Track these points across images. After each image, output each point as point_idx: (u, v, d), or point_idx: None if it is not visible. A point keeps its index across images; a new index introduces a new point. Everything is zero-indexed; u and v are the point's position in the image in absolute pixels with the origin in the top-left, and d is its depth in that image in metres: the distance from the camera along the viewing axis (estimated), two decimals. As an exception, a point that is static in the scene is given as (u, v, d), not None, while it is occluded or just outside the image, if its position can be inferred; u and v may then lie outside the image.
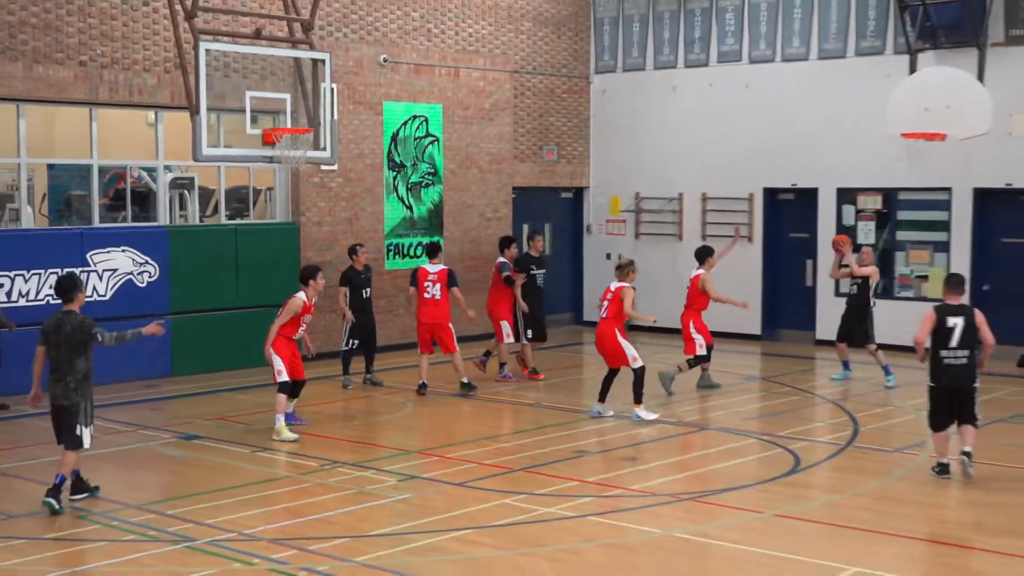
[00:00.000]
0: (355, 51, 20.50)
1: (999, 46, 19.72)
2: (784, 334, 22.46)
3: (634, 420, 14.62)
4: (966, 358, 12.15)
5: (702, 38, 23.23)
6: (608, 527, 10.52)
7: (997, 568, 9.38)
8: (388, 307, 21.13)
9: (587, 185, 24.95)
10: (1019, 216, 20.17)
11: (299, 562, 9.49)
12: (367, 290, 17.63)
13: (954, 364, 12.15)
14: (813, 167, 21.83)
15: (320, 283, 14.55)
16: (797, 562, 9.58)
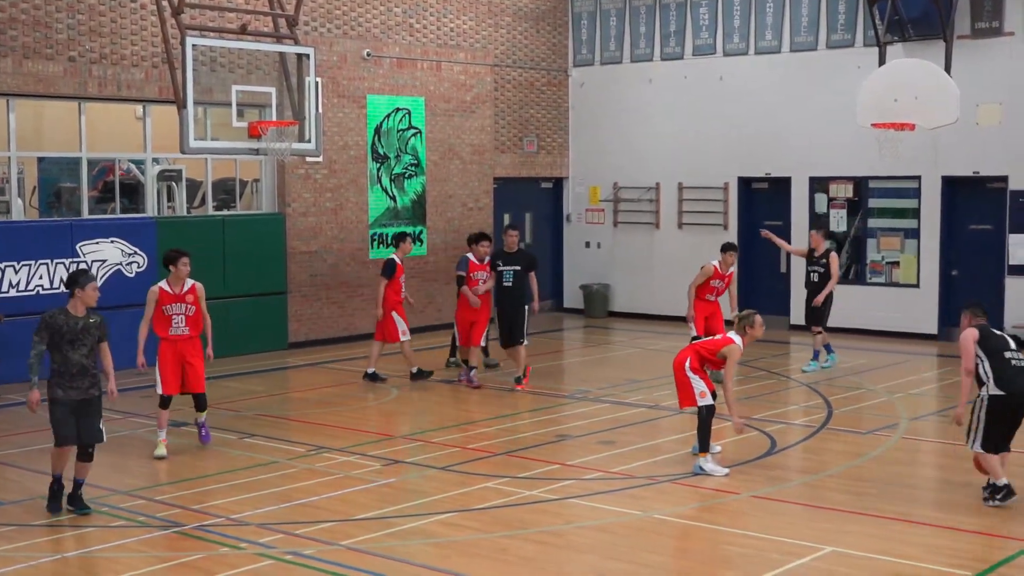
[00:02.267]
0: (339, 46, 20.33)
1: (965, 39, 19.67)
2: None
3: (695, 472, 11.50)
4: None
5: (677, 32, 23.14)
6: (589, 509, 10.43)
7: (968, 546, 9.33)
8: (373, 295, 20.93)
9: (566, 175, 24.85)
10: (986, 203, 20.14)
11: (286, 546, 9.37)
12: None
13: (1020, 366, 10.43)
14: (786, 157, 21.78)
15: (184, 269, 12.32)
16: (774, 542, 9.51)
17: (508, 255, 16.42)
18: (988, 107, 19.62)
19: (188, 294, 12.33)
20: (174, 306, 12.27)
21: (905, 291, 20.75)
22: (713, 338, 12.08)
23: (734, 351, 11.54)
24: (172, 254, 12.41)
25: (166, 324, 12.27)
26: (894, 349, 19.45)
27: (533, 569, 8.94)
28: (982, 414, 10.40)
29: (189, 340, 12.37)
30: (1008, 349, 10.49)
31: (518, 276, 16.23)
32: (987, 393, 10.39)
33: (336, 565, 8.91)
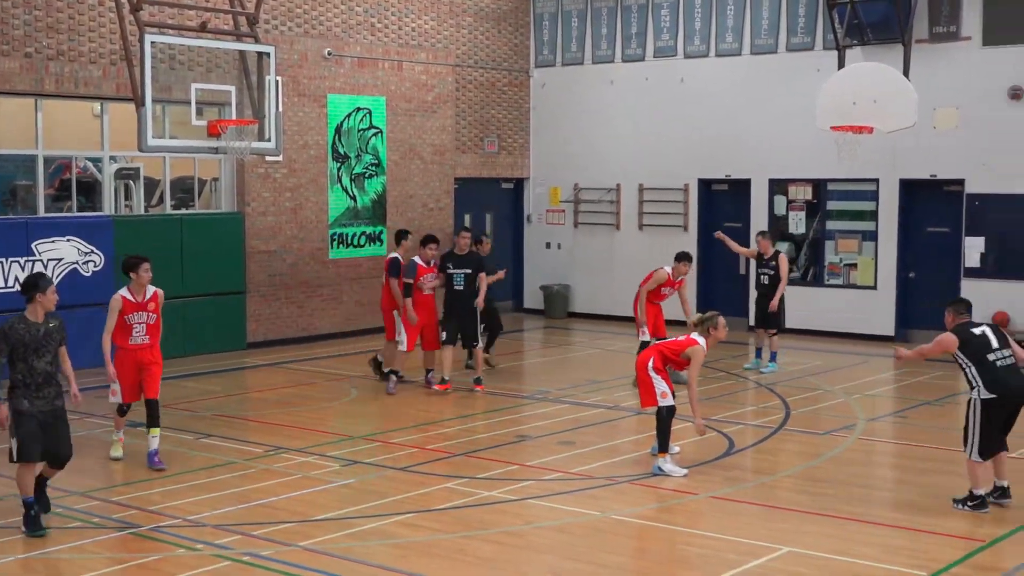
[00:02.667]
0: (299, 44, 20.25)
1: (923, 43, 19.83)
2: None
3: (654, 473, 11.52)
4: (1012, 358, 10.44)
5: (639, 34, 23.19)
6: (548, 510, 10.43)
7: (924, 546, 9.39)
8: (333, 295, 20.94)
9: (527, 176, 24.85)
10: (943, 206, 20.31)
11: (243, 547, 9.31)
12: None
13: (1007, 365, 10.34)
14: (746, 159, 21.88)
15: (145, 276, 11.75)
16: (731, 542, 9.54)
17: (459, 258, 16.03)
18: (945, 111, 19.79)
19: (150, 302, 11.81)
20: (136, 315, 11.73)
21: (862, 293, 20.89)
22: (676, 339, 11.99)
23: (698, 352, 11.55)
24: (132, 260, 11.83)
25: (127, 333, 11.74)
26: (851, 350, 19.58)
27: (491, 569, 8.93)
28: (976, 419, 10.27)
29: (148, 349, 11.88)
30: (990, 350, 10.34)
31: (469, 279, 15.90)
32: (979, 397, 10.26)
33: (294, 566, 8.86)
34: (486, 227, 24.37)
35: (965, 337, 10.44)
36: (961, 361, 10.43)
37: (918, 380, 17.05)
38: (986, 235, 19.71)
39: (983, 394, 10.24)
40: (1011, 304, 19.34)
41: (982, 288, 19.60)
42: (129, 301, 11.71)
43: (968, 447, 10.37)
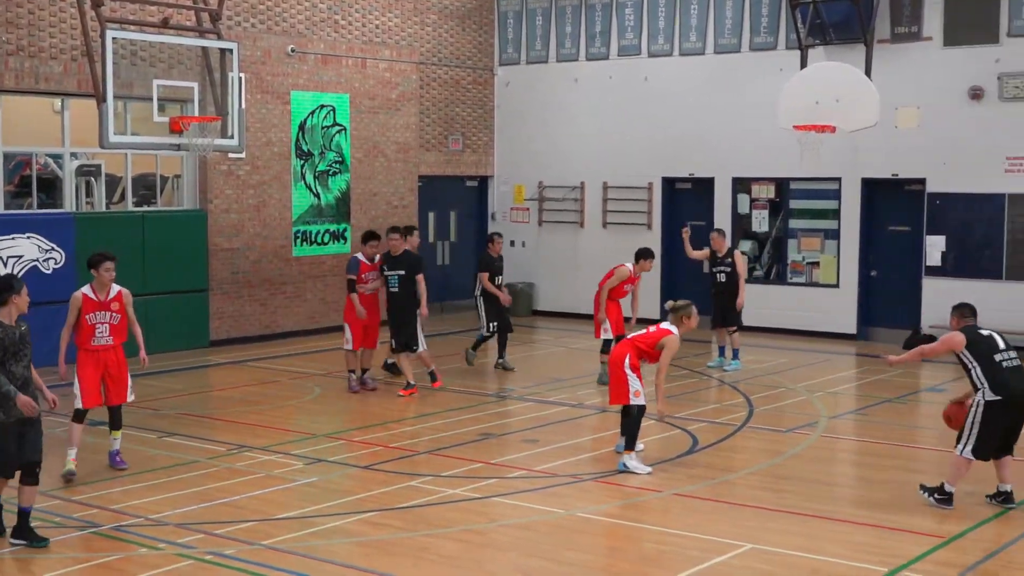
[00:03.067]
0: (263, 41, 20.14)
1: (885, 43, 19.96)
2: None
3: (619, 470, 11.54)
4: (1017, 360, 10.36)
5: (603, 32, 23.22)
6: (511, 507, 10.42)
7: (886, 542, 9.45)
8: (296, 292, 20.85)
9: (492, 174, 24.84)
10: (905, 205, 20.45)
11: (205, 546, 9.26)
12: (499, 277, 17.29)
13: (1012, 367, 10.26)
14: (709, 157, 21.95)
15: (107, 275, 11.24)
16: (695, 539, 9.56)
17: (393, 259, 15.53)
18: (907, 110, 19.92)
19: (113, 301, 11.28)
20: (98, 314, 11.19)
21: (825, 291, 21.00)
22: (648, 331, 11.91)
23: (673, 341, 11.59)
24: (95, 258, 11.28)
25: (89, 334, 11.20)
26: (814, 348, 19.68)
27: (455, 567, 8.91)
28: (977, 419, 10.21)
29: (112, 350, 11.35)
30: (997, 351, 10.27)
31: (403, 281, 15.40)
32: (983, 399, 10.19)
33: (257, 565, 8.82)
34: (450, 225, 24.36)
35: (973, 337, 10.38)
36: (967, 361, 10.31)
37: (879, 378, 17.15)
38: (947, 234, 19.85)
39: (988, 395, 10.17)
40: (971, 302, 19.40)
41: (943, 287, 19.76)
42: (90, 299, 11.20)
43: (961, 443, 10.30)
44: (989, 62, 19.29)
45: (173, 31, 16.47)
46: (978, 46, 19.39)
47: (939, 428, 14.35)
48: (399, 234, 15.65)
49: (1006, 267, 19.31)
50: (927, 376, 17.66)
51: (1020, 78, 19.00)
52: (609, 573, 8.72)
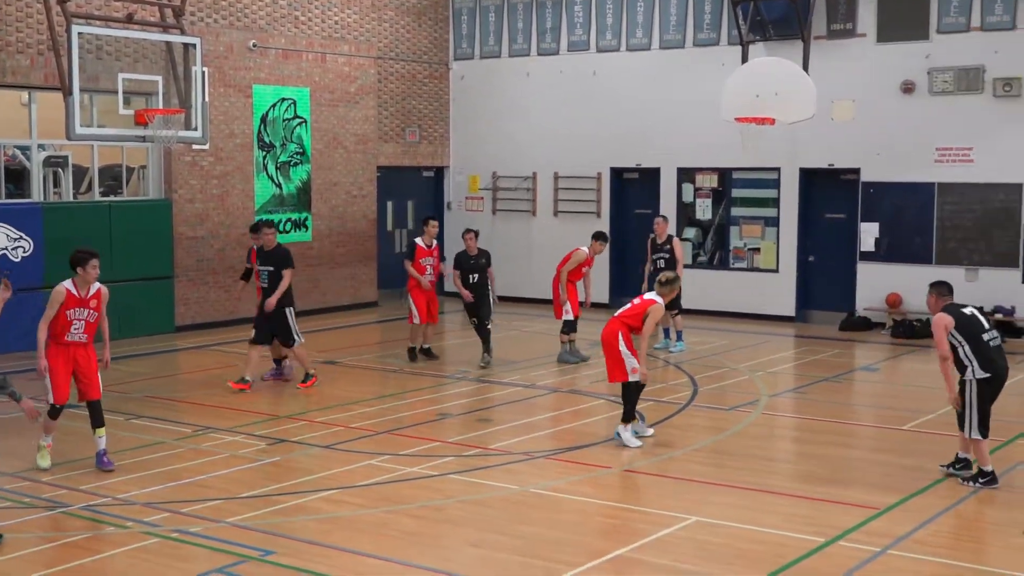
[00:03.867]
0: (225, 36, 19.95)
1: (821, 39, 20.07)
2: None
3: (614, 439, 11.81)
4: (999, 339, 10.42)
5: (553, 28, 23.19)
6: (467, 484, 10.41)
7: (822, 514, 9.52)
8: (259, 280, 20.69)
9: (447, 165, 24.76)
10: (840, 194, 20.59)
11: (172, 524, 9.18)
12: (474, 275, 16.49)
13: (996, 346, 10.30)
14: (655, 148, 21.99)
15: (93, 272, 10.75)
16: (643, 513, 9.60)
17: (266, 254, 14.70)
18: (842, 104, 20.05)
19: (93, 299, 10.74)
20: (78, 311, 10.64)
21: (765, 276, 21.12)
22: (632, 304, 11.96)
23: (658, 310, 11.69)
24: (82, 255, 10.69)
25: (64, 329, 10.62)
26: (755, 330, 19.79)
27: (413, 542, 8.89)
28: (973, 399, 10.16)
29: (83, 346, 10.82)
30: (983, 331, 10.24)
31: (272, 277, 14.59)
32: (973, 377, 10.16)
33: (222, 542, 8.76)
34: (408, 214, 24.27)
35: (959, 317, 10.28)
36: (954, 341, 10.20)
37: (817, 358, 17.29)
38: (880, 221, 20.02)
39: (978, 374, 10.15)
40: (903, 286, 19.67)
41: (876, 271, 19.97)
42: (73, 296, 10.62)
43: (968, 427, 10.22)
44: (920, 57, 19.45)
45: (138, 26, 16.28)
46: (909, 42, 19.54)
47: (874, 405, 14.53)
48: (274, 229, 14.91)
49: (936, 252, 19.50)
50: (861, 356, 17.83)
51: (949, 72, 19.16)
52: (561, 546, 8.74)
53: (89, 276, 10.69)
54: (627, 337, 11.72)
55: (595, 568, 8.27)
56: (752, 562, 8.36)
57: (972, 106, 19.06)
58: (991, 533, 9.24)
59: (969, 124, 19.10)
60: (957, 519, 9.44)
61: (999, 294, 18.88)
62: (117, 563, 8.39)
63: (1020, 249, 18.85)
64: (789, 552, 8.53)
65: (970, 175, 19.18)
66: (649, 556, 8.54)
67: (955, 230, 19.36)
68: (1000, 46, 18.80)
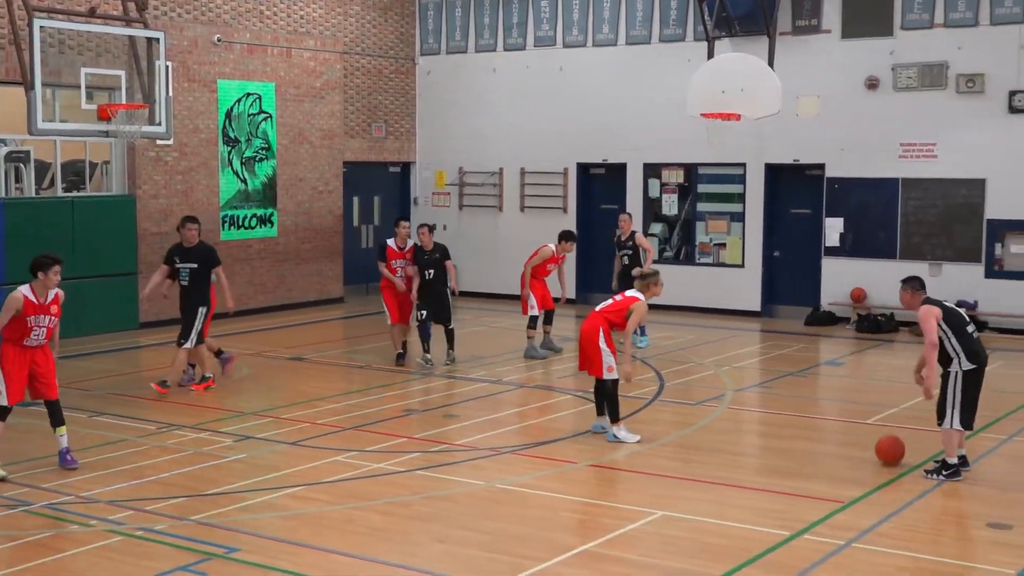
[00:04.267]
0: (189, 31, 19.82)
1: (787, 35, 20.16)
2: (596, 298, 22.52)
3: (609, 440, 11.72)
4: (976, 331, 10.53)
5: (519, 24, 23.18)
6: (434, 480, 10.40)
7: (788, 508, 9.58)
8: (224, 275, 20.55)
9: (414, 160, 24.72)
10: (805, 189, 20.70)
11: (136, 522, 9.12)
12: (430, 271, 15.89)
13: (977, 337, 10.39)
14: (622, 144, 22.03)
15: (55, 279, 10.44)
16: (609, 508, 9.63)
17: (185, 251, 14.09)
18: (807, 99, 20.15)
19: (52, 304, 10.50)
20: (39, 318, 10.38)
21: (731, 271, 21.21)
22: (614, 300, 11.95)
23: (641, 307, 11.66)
24: (44, 260, 10.42)
25: (23, 334, 10.37)
26: (721, 325, 19.87)
27: (380, 538, 8.87)
28: (958, 390, 10.20)
29: (41, 349, 10.59)
30: (967, 322, 10.30)
31: (195, 275, 14.04)
32: (960, 369, 10.18)
33: (187, 540, 8.71)
34: (374, 209, 24.21)
35: (944, 308, 10.31)
36: (941, 333, 10.18)
37: (782, 353, 17.38)
38: (845, 216, 20.14)
39: (964, 365, 10.18)
40: (868, 281, 19.80)
41: (841, 266, 20.09)
42: (31, 303, 10.35)
43: (948, 418, 10.24)
44: (884, 54, 19.57)
45: (100, 20, 16.13)
46: (874, 38, 19.66)
47: (839, 399, 14.62)
48: (197, 224, 14.29)
49: (900, 247, 19.64)
50: (826, 350, 17.94)
51: (912, 68, 19.30)
52: (527, 541, 8.74)
53: (50, 282, 10.43)
54: (607, 333, 11.70)
55: (561, 563, 8.28)
56: (718, 556, 8.40)
57: (936, 102, 19.20)
58: (954, 526, 9.32)
59: (933, 120, 19.24)
60: (921, 512, 9.51)
61: (962, 288, 19.03)
62: (80, 562, 8.33)
63: (983, 244, 19.02)
64: (754, 546, 8.57)
65: (934, 171, 19.32)
66: (615, 551, 8.56)
67: (919, 225, 19.51)
68: (963, 42, 18.94)
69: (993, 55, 18.69)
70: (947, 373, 10.30)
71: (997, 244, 18.95)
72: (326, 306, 22.22)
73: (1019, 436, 11.97)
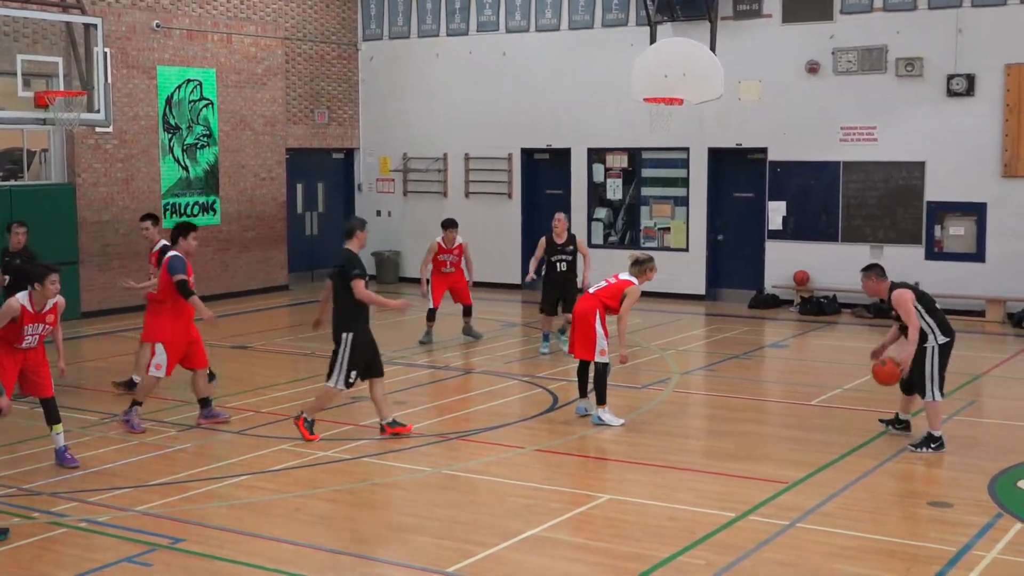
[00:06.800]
0: (128, 16, 19.58)
1: (728, 20, 20.27)
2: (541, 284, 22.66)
3: (594, 423, 11.80)
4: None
5: (462, 9, 23.12)
6: (381, 467, 10.39)
7: (733, 489, 9.66)
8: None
9: (358, 146, 24.60)
10: (748, 173, 20.85)
11: (80, 514, 9.03)
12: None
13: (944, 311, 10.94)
14: (566, 129, 22.07)
15: (52, 288, 10.19)
16: (556, 492, 9.66)
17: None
18: (749, 84, 20.29)
19: (50, 313, 10.26)
20: (34, 326, 10.16)
21: (675, 255, 21.32)
22: (609, 283, 11.96)
23: (634, 291, 11.74)
24: (41, 270, 10.21)
25: (17, 339, 10.14)
26: (665, 309, 19.97)
27: (327, 526, 8.85)
28: (936, 362, 10.58)
29: (34, 350, 10.36)
30: (934, 300, 10.75)
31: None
32: (935, 343, 10.57)
33: (131, 531, 8.64)
34: (318, 196, 24.09)
35: (914, 290, 10.69)
36: (919, 311, 10.55)
37: (727, 336, 17.51)
38: (787, 200, 20.32)
39: (940, 339, 10.58)
40: (810, 264, 20.00)
41: (784, 249, 20.27)
42: (28, 312, 10.09)
43: (930, 391, 10.60)
44: (824, 38, 19.74)
45: (36, 6, 15.91)
46: (814, 23, 19.82)
47: (783, 381, 14.76)
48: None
49: (842, 230, 19.84)
50: (771, 333, 18.10)
51: (852, 53, 19.48)
52: (475, 527, 8.76)
53: (48, 292, 10.17)
54: (603, 316, 11.78)
55: (509, 548, 8.31)
56: (664, 538, 8.46)
57: (875, 86, 19.40)
58: (896, 505, 9.46)
59: (873, 103, 19.44)
60: (864, 492, 9.63)
61: (903, 270, 19.16)
62: (24, 554, 8.23)
63: (923, 226, 19.27)
64: (701, 528, 8.64)
65: (874, 154, 19.54)
66: (562, 535, 8.60)
67: (860, 208, 19.72)
68: (902, 26, 19.15)
69: (931, 39, 18.92)
70: (923, 349, 10.60)
71: (937, 226, 19.21)
72: (271, 294, 22.09)
73: (958, 416, 12.16)
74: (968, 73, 18.67)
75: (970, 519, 8.86)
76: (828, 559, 8.06)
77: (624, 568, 7.91)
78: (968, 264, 18.99)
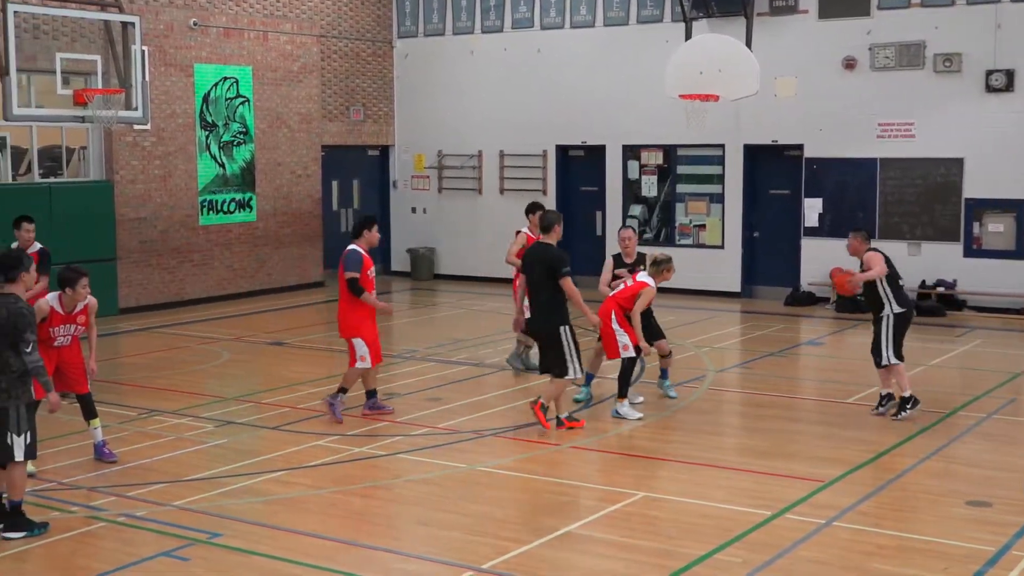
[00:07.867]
0: (165, 15, 19.72)
1: (764, 15, 20.17)
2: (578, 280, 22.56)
3: (613, 416, 11.98)
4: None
5: (497, 6, 23.13)
6: (416, 464, 10.42)
7: (767, 488, 9.63)
8: (204, 260, 20.54)
9: (392, 143, 24.67)
10: (784, 170, 20.75)
11: (118, 508, 9.12)
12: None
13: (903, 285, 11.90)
14: (600, 126, 22.04)
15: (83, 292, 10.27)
16: (591, 489, 9.66)
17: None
18: (785, 80, 20.19)
19: (80, 314, 10.32)
20: (64, 327, 10.20)
21: (711, 252, 21.25)
22: (626, 285, 12.12)
23: (649, 292, 11.91)
24: (71, 275, 10.16)
25: (47, 339, 10.07)
26: (701, 306, 19.92)
27: (361, 522, 8.89)
28: (890, 329, 11.58)
29: (68, 348, 10.39)
30: (898, 276, 11.71)
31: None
32: (891, 312, 11.57)
33: (168, 525, 8.71)
34: (353, 193, 24.19)
35: (886, 258, 11.62)
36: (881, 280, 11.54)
37: (762, 333, 17.44)
38: (823, 196, 20.21)
39: (895, 308, 11.58)
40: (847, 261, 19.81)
41: (820, 246, 20.14)
42: (57, 313, 10.14)
43: (885, 356, 11.60)
44: (861, 34, 19.61)
45: (75, 4, 16.05)
46: (851, 18, 19.70)
47: (819, 379, 14.69)
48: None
49: (879, 227, 19.70)
50: (807, 331, 18.01)
51: (889, 48, 19.35)
52: (509, 524, 8.77)
53: (78, 296, 10.22)
54: (619, 315, 11.92)
55: (543, 545, 8.32)
56: (699, 536, 8.44)
57: (913, 81, 19.26)
58: (933, 504, 9.39)
59: (910, 99, 19.30)
60: (900, 490, 9.58)
61: (941, 268, 19.15)
62: (63, 548, 8.32)
63: (961, 223, 19.11)
64: (735, 526, 8.62)
65: (912, 150, 19.39)
66: (597, 532, 8.59)
67: (897, 205, 19.59)
68: (940, 22, 19.00)
69: (970, 34, 18.76)
70: (879, 318, 11.67)
71: (975, 223, 19.05)
72: (306, 290, 22.19)
73: (997, 415, 12.06)
74: (1007, 69, 18.50)
75: (1009, 518, 8.79)
76: (865, 558, 8.02)
77: (659, 565, 7.90)
78: (1007, 261, 18.81)
